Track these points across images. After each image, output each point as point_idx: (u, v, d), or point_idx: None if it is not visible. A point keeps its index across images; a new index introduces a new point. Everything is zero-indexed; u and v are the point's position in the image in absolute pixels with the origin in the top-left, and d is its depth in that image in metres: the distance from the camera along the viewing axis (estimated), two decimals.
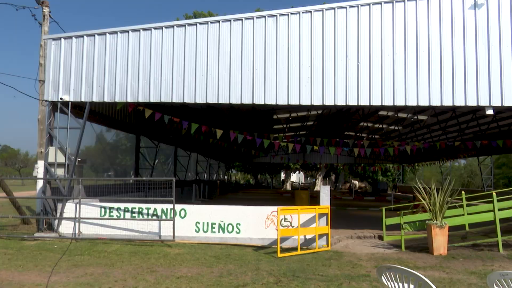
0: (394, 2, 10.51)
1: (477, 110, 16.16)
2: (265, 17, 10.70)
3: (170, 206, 10.50)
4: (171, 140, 23.03)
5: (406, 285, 3.54)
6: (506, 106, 10.27)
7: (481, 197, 12.73)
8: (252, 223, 10.44)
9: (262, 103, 10.59)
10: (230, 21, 10.75)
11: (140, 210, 10.70)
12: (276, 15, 10.67)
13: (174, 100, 10.75)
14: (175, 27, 10.87)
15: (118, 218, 10.64)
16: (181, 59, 10.79)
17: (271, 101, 10.55)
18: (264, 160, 46.51)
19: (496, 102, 10.20)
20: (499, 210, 10.40)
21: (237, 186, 48.94)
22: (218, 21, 10.81)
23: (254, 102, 10.60)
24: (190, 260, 8.36)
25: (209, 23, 10.83)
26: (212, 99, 10.67)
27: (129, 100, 10.92)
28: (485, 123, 21.20)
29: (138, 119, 17.15)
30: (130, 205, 10.75)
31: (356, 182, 50.33)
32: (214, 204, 11.32)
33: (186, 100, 10.73)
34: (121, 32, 11.00)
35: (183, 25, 10.88)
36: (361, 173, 49.92)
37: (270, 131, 26.83)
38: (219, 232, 10.47)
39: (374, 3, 10.55)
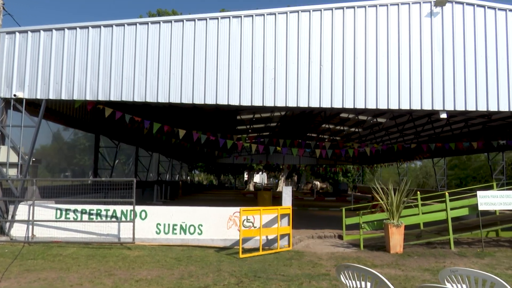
0: (356, 7, 10.79)
1: (432, 114, 16.86)
2: (229, 17, 10.69)
3: (130, 207, 10.26)
4: (132, 139, 22.53)
5: (363, 283, 3.65)
6: (458, 110, 10.78)
7: (435, 197, 13.31)
8: (214, 224, 10.39)
9: (226, 103, 10.57)
10: (194, 20, 10.66)
11: (99, 211, 10.39)
12: (240, 16, 10.69)
13: (136, 99, 10.53)
14: (137, 24, 10.65)
15: (75, 220, 10.28)
16: (143, 57, 10.59)
17: (234, 101, 10.55)
18: (227, 161, 46.39)
19: (449, 107, 10.68)
20: (451, 209, 10.91)
21: (200, 187, 48.55)
22: (182, 20, 10.69)
23: (217, 103, 10.56)
24: (150, 263, 8.21)
25: (172, 21, 10.68)
26: (175, 99, 10.53)
27: (88, 98, 10.58)
28: (439, 126, 22.17)
29: (97, 118, 16.65)
30: (88, 207, 10.42)
31: (317, 183, 51.20)
32: (176, 205, 11.20)
33: (148, 100, 10.53)
34: (81, 28, 10.65)
35: (146, 23, 10.68)
36: (323, 174, 50.87)
37: (233, 132, 26.82)
38: (180, 233, 10.34)
39: (336, 8, 10.78)
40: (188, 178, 53.30)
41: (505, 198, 10.63)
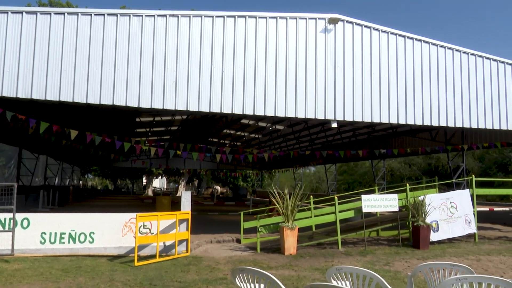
0: (257, 17, 11.14)
1: (325, 123, 18.11)
2: (129, 15, 10.27)
3: (9, 215, 9.21)
4: (14, 140, 20.28)
5: (257, 285, 3.76)
6: (347, 120, 11.74)
7: (326, 200, 14.29)
8: (108, 231, 9.82)
9: (124, 105, 10.09)
10: (90, 15, 10.03)
11: None
12: (142, 15, 10.34)
13: (20, 96, 9.51)
14: (24, 13, 9.67)
15: None
16: (30, 49, 9.63)
17: (133, 103, 10.13)
18: (124, 165, 44.33)
19: (340, 117, 11.58)
20: (339, 212, 11.80)
21: (94, 192, 45.61)
22: (77, 13, 9.98)
23: (114, 104, 10.04)
24: (32, 276, 7.45)
25: (65, 14, 9.92)
26: (66, 97, 9.75)
27: None
28: (331, 135, 23.92)
29: None
30: None
31: (218, 188, 51.53)
32: (65, 212, 10.35)
33: (35, 97, 9.59)
34: None
35: (35, 13, 9.75)
36: (223, 179, 51.36)
37: (132, 135, 25.73)
38: (69, 242, 9.57)
39: (239, 16, 11.02)
40: (81, 182, 49.69)
41: (385, 201, 11.82)
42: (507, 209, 16.65)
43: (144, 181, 60.73)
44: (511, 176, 29.13)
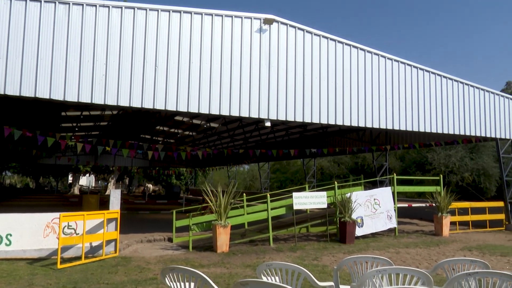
0: (193, 13, 10.99)
1: (259, 122, 18.36)
2: (55, 2, 9.62)
3: None
4: None
5: (187, 284, 3.72)
6: (280, 120, 11.99)
7: (258, 198, 14.50)
8: (28, 232, 9.15)
9: (47, 97, 9.43)
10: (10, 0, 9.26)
11: None
12: (69, 3, 9.72)
13: None
14: None
15: None
16: None
17: (58, 96, 9.50)
18: (48, 162, 41.56)
19: (273, 116, 11.80)
20: (271, 209, 12.05)
21: (13, 191, 42.24)
22: None
23: (37, 96, 9.34)
24: None
25: None
26: None
27: None
28: (265, 134, 24.31)
29: None
30: None
31: (150, 186, 50.20)
32: None
33: None
34: None
35: None
36: (156, 177, 50.10)
37: (57, 130, 24.20)
38: None
39: (174, 11, 10.78)
40: None
41: (315, 198, 12.27)
42: (424, 205, 18.06)
43: (70, 179, 57.40)
44: (427, 174, 31.60)
